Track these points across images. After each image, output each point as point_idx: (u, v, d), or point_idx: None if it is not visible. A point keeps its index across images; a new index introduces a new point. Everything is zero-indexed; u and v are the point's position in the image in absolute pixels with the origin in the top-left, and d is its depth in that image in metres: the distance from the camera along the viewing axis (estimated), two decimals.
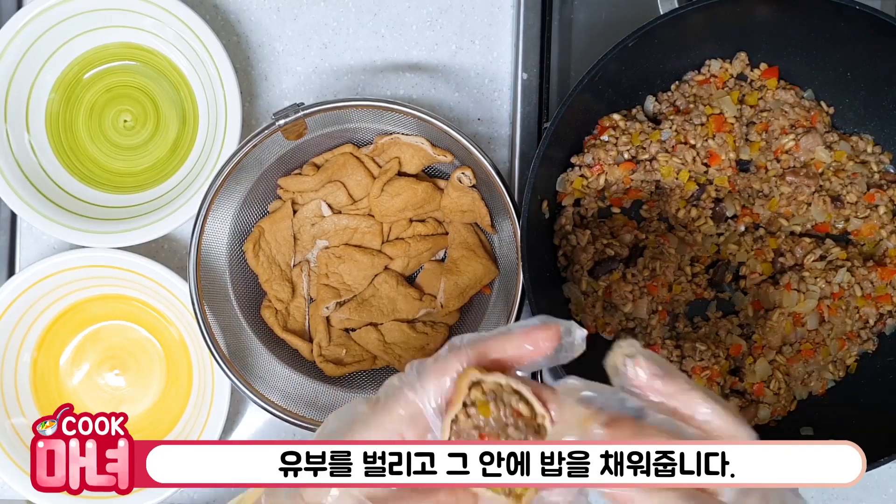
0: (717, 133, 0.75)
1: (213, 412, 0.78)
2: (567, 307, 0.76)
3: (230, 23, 0.84)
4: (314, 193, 0.79)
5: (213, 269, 0.76)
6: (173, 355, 0.83)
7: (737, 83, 0.77)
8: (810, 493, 0.72)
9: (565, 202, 0.76)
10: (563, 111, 0.69)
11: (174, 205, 0.78)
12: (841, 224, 0.76)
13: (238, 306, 0.78)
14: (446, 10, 0.84)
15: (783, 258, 0.76)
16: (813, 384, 0.76)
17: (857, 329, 0.76)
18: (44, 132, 0.82)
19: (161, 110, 0.83)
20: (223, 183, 0.72)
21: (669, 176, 0.75)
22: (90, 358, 0.83)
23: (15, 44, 0.78)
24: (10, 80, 0.79)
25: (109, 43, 0.82)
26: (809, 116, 0.76)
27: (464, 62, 0.84)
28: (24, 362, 0.82)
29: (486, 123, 0.84)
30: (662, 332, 0.77)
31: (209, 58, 0.77)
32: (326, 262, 0.79)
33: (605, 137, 0.75)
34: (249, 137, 0.71)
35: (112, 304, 0.83)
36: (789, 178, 0.75)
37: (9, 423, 0.80)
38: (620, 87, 0.75)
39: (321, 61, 0.84)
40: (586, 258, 0.75)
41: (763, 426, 0.76)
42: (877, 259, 0.76)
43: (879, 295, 0.75)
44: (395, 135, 0.78)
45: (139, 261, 0.78)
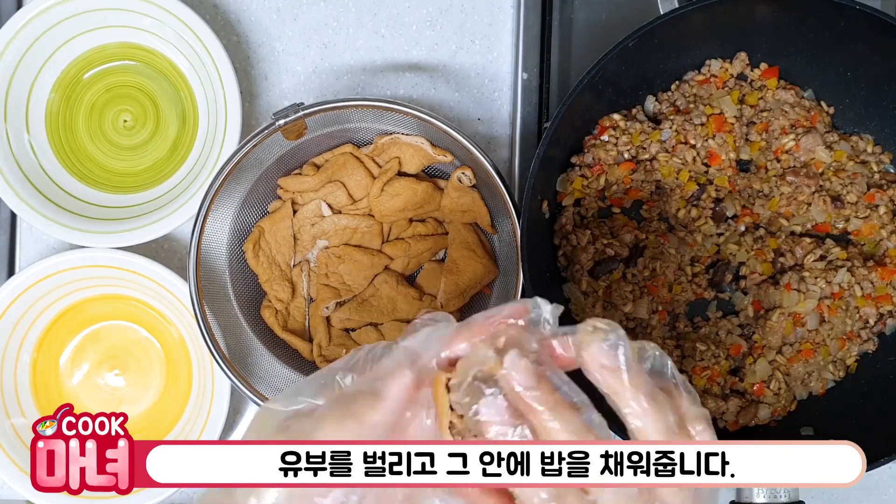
0: (718, 133, 0.75)
1: (213, 412, 0.78)
2: (567, 307, 0.76)
3: (230, 23, 0.84)
4: (314, 193, 0.79)
5: (213, 269, 0.76)
6: (173, 355, 0.83)
7: (737, 83, 0.77)
8: (811, 493, 0.72)
9: (565, 202, 0.76)
10: (563, 111, 0.69)
11: (174, 205, 0.78)
12: (841, 224, 0.76)
13: (238, 306, 0.78)
14: (446, 10, 0.84)
15: (783, 258, 0.76)
16: (813, 384, 0.76)
17: (858, 329, 0.76)
18: (44, 132, 0.82)
19: (161, 110, 0.83)
20: (223, 183, 0.72)
21: (669, 176, 0.75)
22: (90, 358, 0.83)
23: (15, 44, 0.78)
24: (10, 80, 0.79)
25: (109, 43, 0.82)
26: (810, 116, 0.76)
27: (464, 62, 0.84)
28: (24, 362, 0.82)
29: (486, 123, 0.84)
30: (662, 332, 0.77)
31: (209, 58, 0.77)
32: (326, 262, 0.79)
33: (605, 137, 0.75)
34: (249, 137, 0.71)
35: (112, 304, 0.83)
36: (789, 178, 0.75)
37: (9, 423, 0.80)
38: (620, 87, 0.75)
39: (321, 61, 0.84)
40: (586, 258, 0.75)
41: (763, 426, 0.76)
42: (877, 259, 0.76)
43: (879, 295, 0.75)
44: (395, 135, 0.78)
45: (139, 261, 0.78)
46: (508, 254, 0.77)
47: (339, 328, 0.79)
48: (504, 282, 0.78)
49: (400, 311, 0.78)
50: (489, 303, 0.79)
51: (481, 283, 0.78)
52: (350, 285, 0.78)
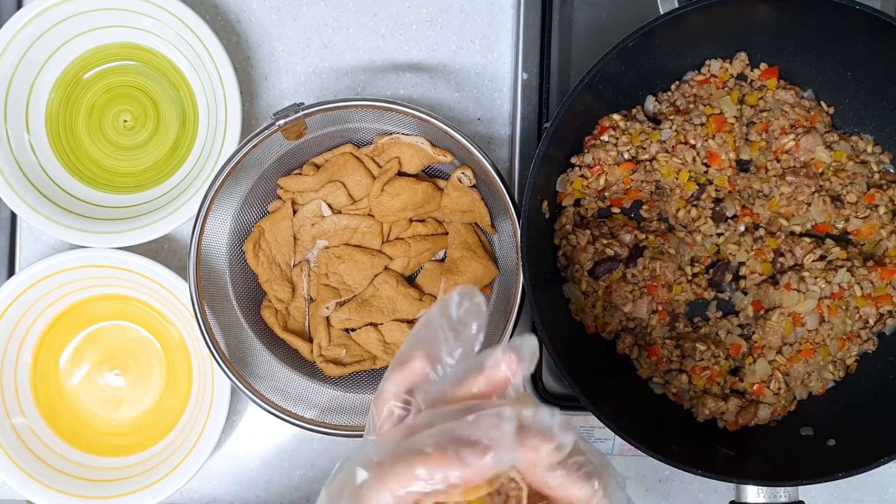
0: (717, 133, 0.75)
1: (213, 412, 0.78)
2: (567, 307, 0.76)
3: (230, 23, 0.84)
4: (314, 193, 0.79)
5: (213, 269, 0.76)
6: (173, 355, 0.83)
7: (737, 83, 0.77)
8: (810, 493, 0.72)
9: (565, 202, 0.76)
10: (563, 111, 0.69)
11: (174, 205, 0.78)
12: (841, 224, 0.76)
13: (238, 306, 0.78)
14: (446, 10, 0.84)
15: (783, 258, 0.76)
16: (813, 384, 0.76)
17: (857, 329, 0.76)
18: (44, 132, 0.82)
19: (161, 110, 0.83)
20: (223, 183, 0.72)
21: (669, 176, 0.75)
22: (90, 358, 0.83)
23: (15, 44, 0.78)
24: (10, 80, 0.79)
25: (109, 43, 0.82)
26: (809, 116, 0.76)
27: (464, 62, 0.84)
28: (24, 362, 0.82)
29: (486, 123, 0.84)
30: (662, 332, 0.77)
31: (209, 58, 0.77)
32: (326, 262, 0.79)
33: (605, 137, 0.75)
34: (249, 137, 0.71)
35: (112, 304, 0.83)
36: (789, 178, 0.75)
37: (9, 423, 0.80)
38: (620, 87, 0.75)
39: (321, 61, 0.84)
40: (586, 258, 0.75)
41: (763, 426, 0.76)
42: (877, 259, 0.76)
43: (879, 295, 0.75)
44: (396, 135, 0.78)
45: (139, 261, 0.78)
46: (508, 254, 0.77)
47: (339, 328, 0.79)
48: (504, 282, 0.78)
49: (400, 311, 0.78)
50: (489, 303, 0.79)
51: (481, 283, 0.78)
52: (350, 285, 0.78)
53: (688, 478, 0.84)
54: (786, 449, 0.74)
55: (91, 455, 0.82)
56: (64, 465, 0.81)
